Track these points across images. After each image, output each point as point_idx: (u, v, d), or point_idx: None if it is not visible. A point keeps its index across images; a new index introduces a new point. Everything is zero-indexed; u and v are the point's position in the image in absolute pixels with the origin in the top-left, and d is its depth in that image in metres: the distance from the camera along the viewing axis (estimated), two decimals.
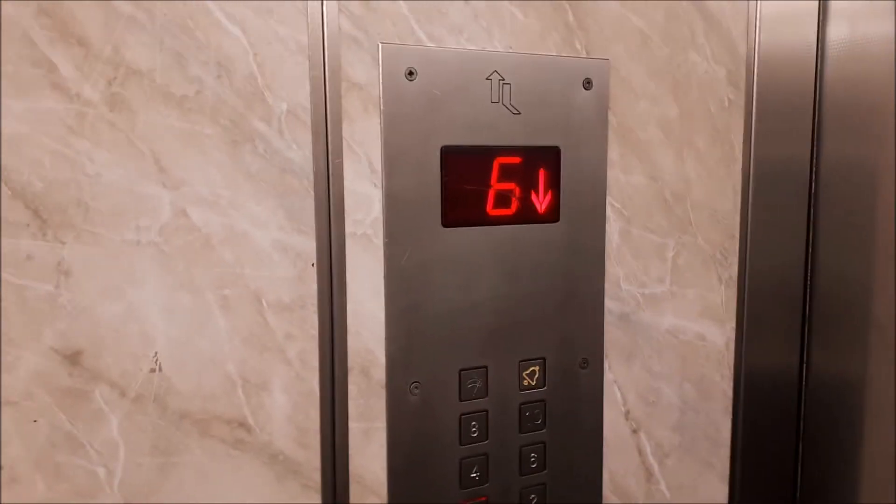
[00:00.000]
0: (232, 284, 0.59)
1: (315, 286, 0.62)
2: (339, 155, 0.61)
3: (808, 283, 0.89)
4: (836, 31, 0.83)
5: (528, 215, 0.70)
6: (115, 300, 0.55)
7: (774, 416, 0.91)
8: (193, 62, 0.55)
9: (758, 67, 0.81)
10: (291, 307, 0.61)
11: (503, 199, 0.69)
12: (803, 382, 0.91)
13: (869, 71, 0.81)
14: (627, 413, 0.81)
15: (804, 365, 0.91)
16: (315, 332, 0.63)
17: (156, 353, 0.57)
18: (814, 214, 0.88)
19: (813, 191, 0.88)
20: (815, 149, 0.87)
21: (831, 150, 0.86)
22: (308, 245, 0.61)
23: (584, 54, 0.71)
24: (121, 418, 0.57)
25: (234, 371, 0.60)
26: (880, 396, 0.84)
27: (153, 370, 0.57)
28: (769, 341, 0.88)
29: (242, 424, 0.61)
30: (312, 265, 0.62)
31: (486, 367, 0.71)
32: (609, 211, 0.75)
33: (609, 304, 0.77)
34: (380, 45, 0.61)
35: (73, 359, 0.54)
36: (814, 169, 0.87)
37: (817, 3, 0.83)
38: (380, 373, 0.66)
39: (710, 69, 0.78)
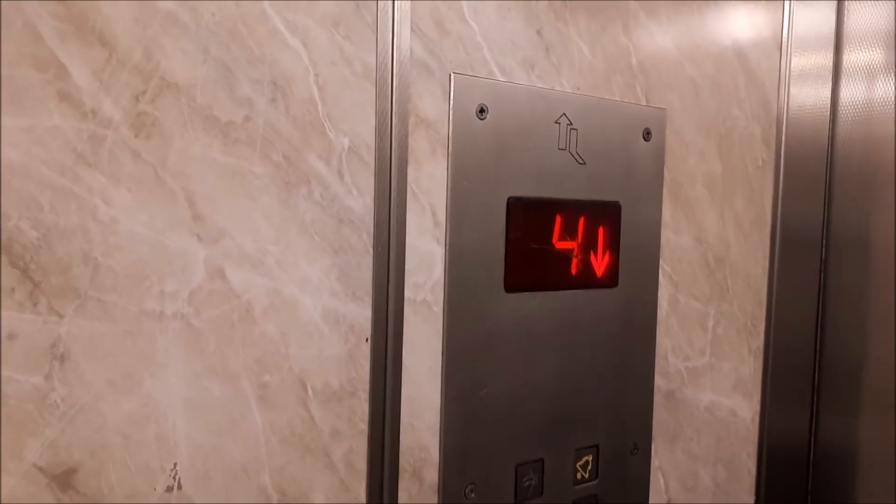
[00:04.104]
0: (274, 368, 0.45)
1: (368, 367, 0.49)
2: (404, 204, 0.49)
3: (818, 351, 0.86)
4: (850, 91, 0.82)
5: (587, 279, 0.61)
6: (127, 394, 0.40)
7: (791, 490, 0.85)
8: (244, 79, 0.42)
9: (786, 128, 0.78)
10: (340, 395, 0.48)
11: (564, 261, 0.60)
12: (811, 453, 0.87)
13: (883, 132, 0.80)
14: (668, 502, 0.72)
15: (812, 436, 0.87)
16: (365, 425, 0.49)
17: (175, 464, 0.42)
18: (823, 281, 0.85)
19: (823, 257, 0.85)
20: (826, 214, 0.84)
21: (839, 215, 0.84)
22: (363, 315, 0.48)
23: (643, 101, 0.64)
24: None
25: (269, 483, 0.45)
26: (883, 468, 0.81)
27: (170, 488, 0.42)
28: (788, 413, 0.83)
29: None
30: (367, 341, 0.49)
31: (542, 459, 0.60)
32: (660, 275, 0.67)
33: (657, 380, 0.68)
34: (452, 75, 0.51)
35: (64, 480, 0.38)
36: (825, 234, 0.84)
37: (832, 62, 0.81)
38: (433, 474, 0.53)
39: (749, 126, 0.74)
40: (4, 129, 0.36)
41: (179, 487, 0.42)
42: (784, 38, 0.76)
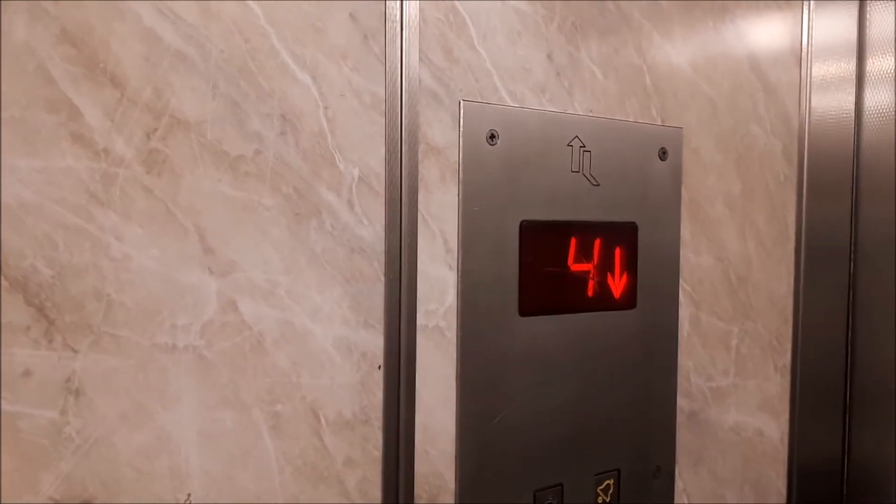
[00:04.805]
0: (286, 398, 0.45)
1: (381, 395, 0.49)
2: (415, 231, 0.50)
3: (849, 366, 0.84)
4: (875, 98, 0.80)
5: (605, 301, 0.61)
6: (140, 427, 0.40)
7: None
8: (253, 114, 0.43)
9: (808, 142, 0.76)
10: (353, 423, 0.48)
11: (580, 283, 0.59)
12: (845, 472, 0.85)
13: None
14: None
15: (846, 455, 0.85)
16: (378, 453, 0.49)
17: (188, 496, 0.42)
18: (852, 295, 0.83)
19: (852, 270, 0.83)
20: (853, 225, 0.82)
21: (867, 225, 0.82)
22: (375, 342, 0.49)
23: (659, 121, 0.63)
24: None
25: None
26: None
27: None
28: (819, 432, 0.81)
29: None
30: (379, 368, 0.49)
31: (561, 484, 0.59)
32: (681, 295, 0.66)
33: (680, 401, 0.67)
34: (461, 102, 0.51)
35: None
36: (853, 247, 0.82)
37: (855, 69, 0.79)
38: (449, 501, 0.53)
39: (769, 143, 0.73)
40: (19, 172, 0.37)
41: None
42: (804, 48, 0.75)
